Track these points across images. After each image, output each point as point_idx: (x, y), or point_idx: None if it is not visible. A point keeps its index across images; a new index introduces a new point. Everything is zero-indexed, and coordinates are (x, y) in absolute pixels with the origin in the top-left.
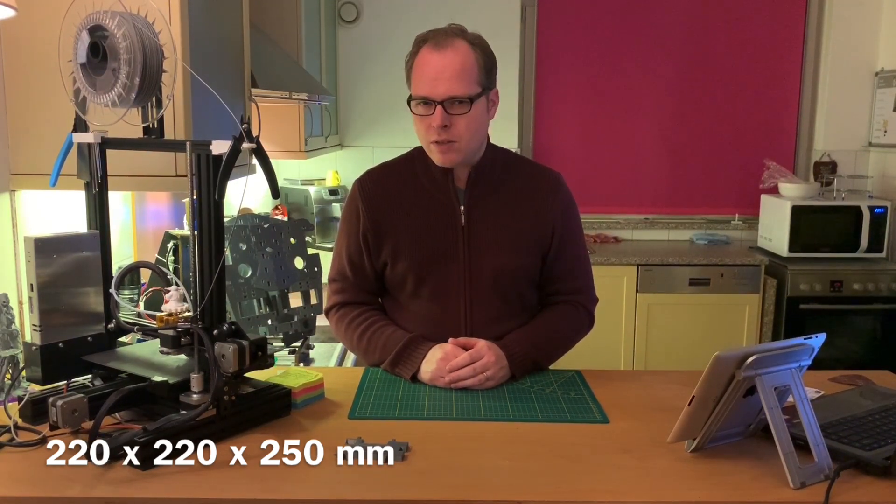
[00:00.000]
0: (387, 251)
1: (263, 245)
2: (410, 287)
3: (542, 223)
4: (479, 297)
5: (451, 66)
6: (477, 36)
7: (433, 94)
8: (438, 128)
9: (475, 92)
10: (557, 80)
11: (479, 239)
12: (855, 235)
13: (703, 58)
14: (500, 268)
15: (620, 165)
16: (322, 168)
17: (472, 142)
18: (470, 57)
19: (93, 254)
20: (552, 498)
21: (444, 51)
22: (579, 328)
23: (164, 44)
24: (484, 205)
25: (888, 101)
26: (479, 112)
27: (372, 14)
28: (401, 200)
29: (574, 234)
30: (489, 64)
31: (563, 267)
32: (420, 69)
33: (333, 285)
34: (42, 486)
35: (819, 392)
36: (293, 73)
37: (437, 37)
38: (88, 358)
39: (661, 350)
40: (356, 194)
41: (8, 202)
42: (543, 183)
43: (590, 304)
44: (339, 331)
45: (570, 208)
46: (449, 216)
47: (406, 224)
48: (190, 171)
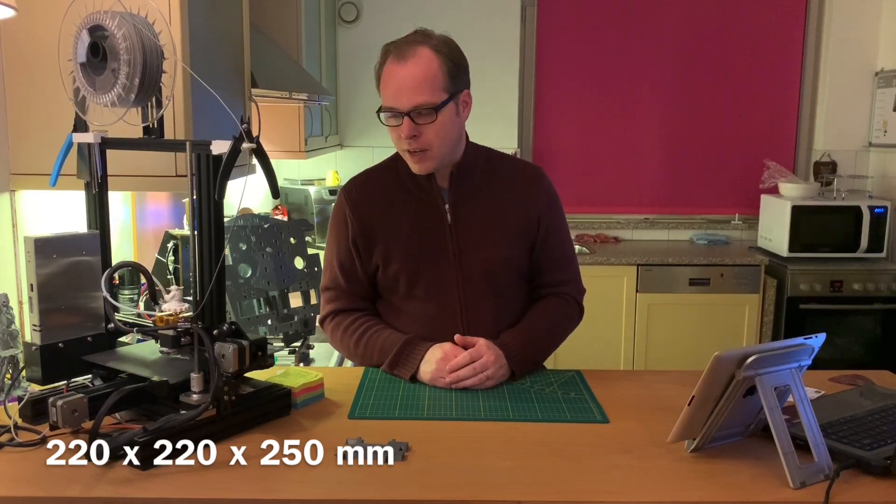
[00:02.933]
0: (377, 254)
1: (263, 245)
2: (403, 288)
3: (528, 215)
4: (473, 293)
5: (413, 77)
6: (443, 40)
7: (398, 106)
8: (407, 138)
9: (440, 99)
10: (557, 80)
11: (467, 235)
12: (855, 235)
13: (704, 58)
14: (490, 261)
15: (620, 165)
16: (322, 168)
17: (443, 147)
18: (433, 64)
19: (93, 254)
20: (552, 498)
21: (405, 61)
22: (571, 320)
23: (164, 44)
24: (468, 201)
25: (888, 101)
26: (448, 118)
27: (372, 14)
28: (387, 204)
29: (559, 226)
30: (455, 68)
31: (550, 258)
32: (385, 81)
33: (326, 294)
34: (42, 486)
35: (819, 392)
36: (293, 73)
37: (400, 47)
38: (88, 358)
39: (661, 350)
40: (342, 201)
41: (8, 202)
42: (526, 176)
43: (578, 295)
44: (335, 339)
45: (554, 200)
46: (435, 215)
47: (394, 226)
48: (190, 171)
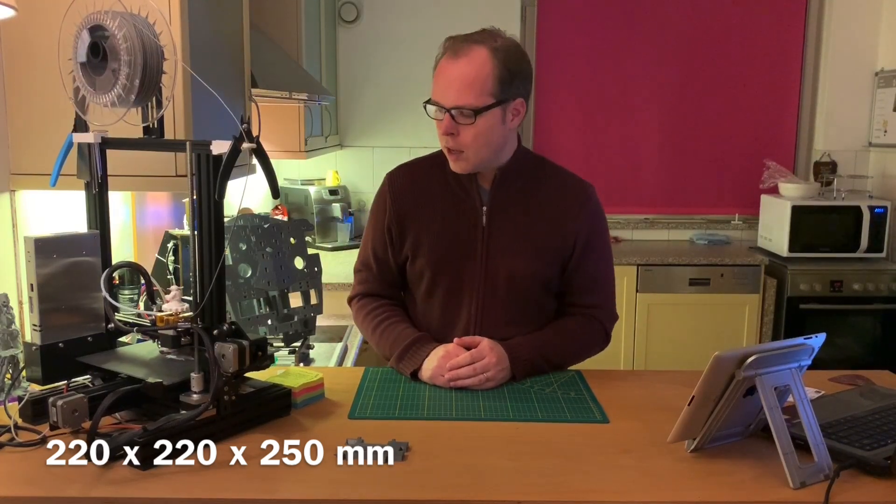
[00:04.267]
0: (408, 244)
1: (263, 245)
2: (427, 284)
3: (565, 233)
4: (492, 300)
5: (461, 76)
6: (506, 45)
7: (442, 102)
8: (445, 135)
9: (484, 104)
10: (557, 80)
11: (499, 240)
12: (855, 235)
13: (704, 58)
14: (515, 271)
15: (620, 165)
16: (322, 168)
17: (480, 152)
18: (485, 67)
19: (93, 254)
20: (552, 498)
21: (458, 59)
22: (592, 343)
23: (165, 44)
24: (507, 207)
25: (888, 101)
26: (490, 123)
27: (372, 14)
28: (426, 196)
29: (598, 249)
30: (509, 75)
31: (583, 280)
32: (437, 74)
33: (358, 276)
34: (42, 486)
35: (819, 392)
36: (293, 73)
37: (457, 42)
38: (83, 359)
39: (661, 350)
40: (385, 187)
41: (8, 202)
42: (572, 192)
43: (607, 322)
44: (358, 320)
45: (598, 223)
46: (471, 215)
47: (428, 218)
48: (190, 171)
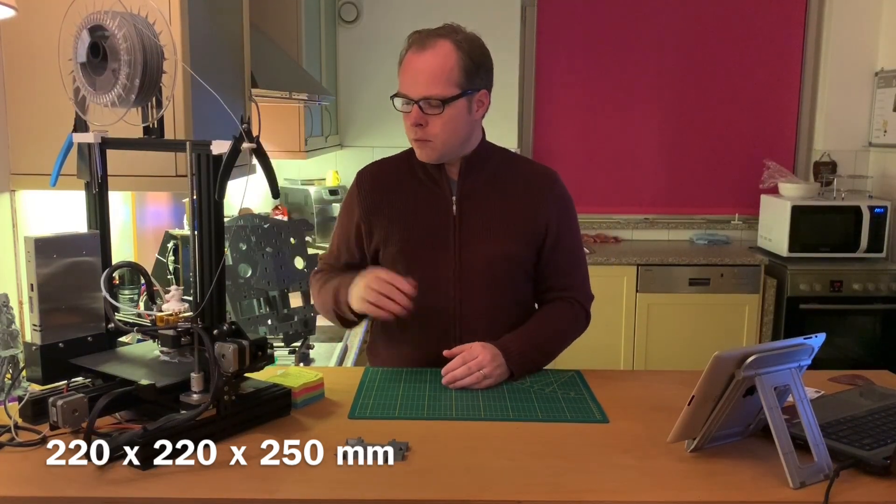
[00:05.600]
0: (378, 235)
1: (263, 245)
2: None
3: (536, 217)
4: (471, 288)
5: (428, 68)
6: (469, 38)
7: (410, 94)
8: (413, 126)
9: (451, 94)
10: (557, 80)
11: (470, 228)
12: (855, 235)
13: (703, 58)
14: (490, 255)
15: (620, 165)
16: (322, 168)
17: (448, 141)
18: (451, 58)
19: (93, 254)
20: (552, 498)
21: (424, 52)
22: (576, 326)
23: (164, 44)
24: (476, 195)
25: (888, 101)
26: (456, 113)
27: (372, 14)
28: (396, 189)
29: (569, 231)
30: (474, 66)
31: (558, 263)
32: (403, 67)
33: (320, 264)
34: (42, 486)
35: (819, 392)
36: (293, 73)
37: (423, 37)
38: (76, 361)
39: (661, 350)
40: (354, 185)
41: (8, 202)
42: (539, 179)
43: (585, 302)
44: (314, 293)
45: (566, 206)
46: (441, 205)
47: (399, 209)
48: (190, 171)
